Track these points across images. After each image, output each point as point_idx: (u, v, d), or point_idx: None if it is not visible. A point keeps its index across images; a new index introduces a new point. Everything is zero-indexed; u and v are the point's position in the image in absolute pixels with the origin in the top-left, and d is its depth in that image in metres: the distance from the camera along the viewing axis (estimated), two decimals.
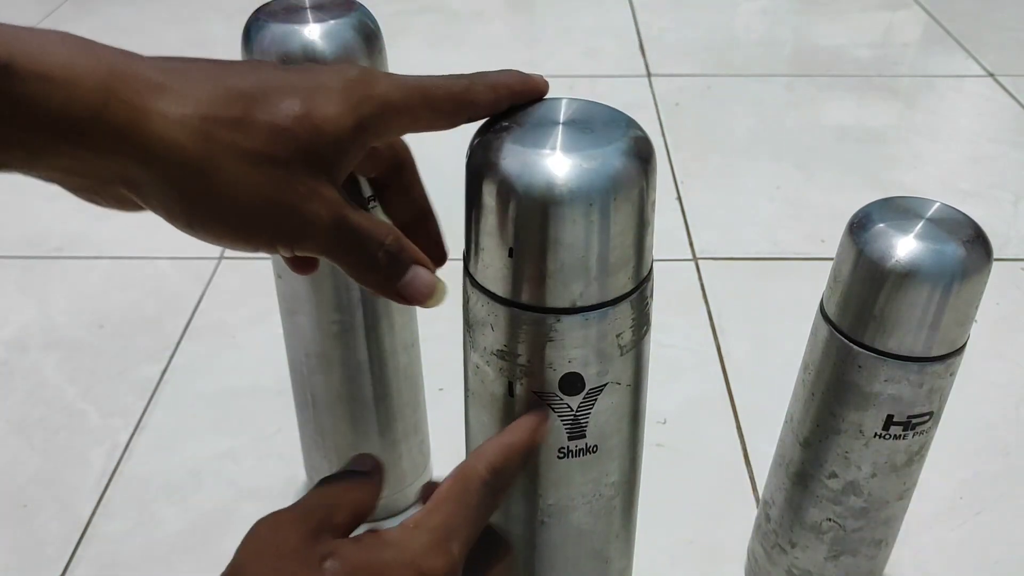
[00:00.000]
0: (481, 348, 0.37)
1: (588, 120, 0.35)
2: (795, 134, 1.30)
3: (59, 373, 0.87)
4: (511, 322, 0.35)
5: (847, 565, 0.59)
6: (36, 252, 1.04)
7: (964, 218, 0.49)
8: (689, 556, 0.70)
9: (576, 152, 0.32)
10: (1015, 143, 1.27)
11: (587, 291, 0.35)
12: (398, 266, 0.32)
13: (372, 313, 0.62)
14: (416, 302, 0.33)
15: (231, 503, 0.74)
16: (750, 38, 1.63)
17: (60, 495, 0.75)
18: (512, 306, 0.35)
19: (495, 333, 0.36)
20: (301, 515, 0.33)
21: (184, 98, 0.28)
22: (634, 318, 0.37)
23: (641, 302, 0.37)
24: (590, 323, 0.35)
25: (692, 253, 1.03)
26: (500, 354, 0.36)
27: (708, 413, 0.83)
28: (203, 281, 0.99)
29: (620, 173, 0.33)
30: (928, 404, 0.52)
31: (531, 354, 0.36)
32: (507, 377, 0.37)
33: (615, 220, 0.33)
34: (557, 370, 0.36)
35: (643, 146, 0.34)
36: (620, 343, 0.37)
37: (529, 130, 0.34)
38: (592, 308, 0.35)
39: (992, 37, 1.57)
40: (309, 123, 0.29)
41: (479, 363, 0.38)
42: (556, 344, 0.35)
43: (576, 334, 0.35)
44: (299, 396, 0.67)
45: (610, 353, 0.37)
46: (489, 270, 0.35)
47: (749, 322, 0.93)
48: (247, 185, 0.28)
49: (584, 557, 0.46)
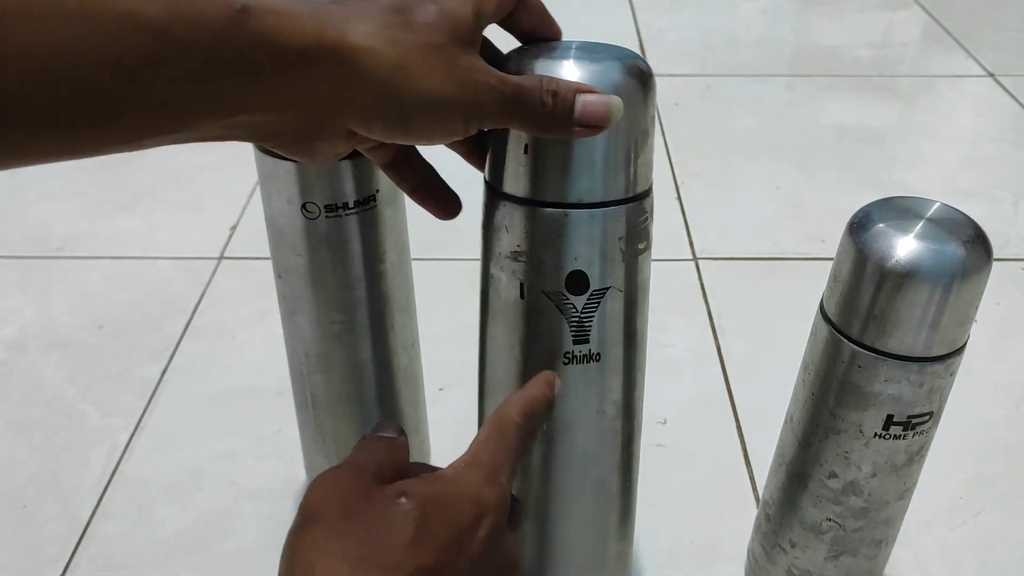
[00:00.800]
0: (496, 254, 0.42)
1: (596, 49, 0.40)
2: (795, 134, 1.30)
3: (59, 373, 0.87)
4: (524, 221, 0.40)
5: (847, 565, 0.59)
6: (36, 252, 1.04)
7: (964, 218, 0.49)
8: (689, 556, 0.70)
9: (585, 62, 0.38)
10: (1015, 143, 1.27)
11: (592, 187, 0.39)
12: (566, 102, 0.36)
13: (372, 313, 0.62)
14: (600, 124, 0.37)
15: (231, 503, 0.74)
16: (750, 38, 1.63)
17: (60, 495, 0.75)
18: (526, 203, 0.40)
19: (509, 235, 0.41)
20: (357, 469, 0.36)
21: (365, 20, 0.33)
22: (632, 224, 0.41)
23: (639, 213, 0.41)
24: (595, 220, 0.40)
25: (692, 253, 1.03)
26: (513, 255, 0.41)
27: (708, 413, 0.83)
28: (203, 281, 0.99)
29: (622, 82, 0.38)
30: (928, 404, 0.52)
31: (542, 251, 0.40)
32: (519, 279, 0.41)
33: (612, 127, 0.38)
34: (564, 267, 0.40)
35: (642, 66, 0.40)
36: (621, 247, 0.41)
37: (547, 50, 0.39)
38: (596, 205, 0.40)
39: (992, 37, 1.57)
40: (447, 18, 0.34)
41: (494, 271, 0.42)
42: (564, 240, 0.40)
43: (582, 230, 0.40)
44: (299, 396, 0.67)
45: (612, 255, 0.41)
46: (508, 171, 0.40)
47: (749, 322, 0.93)
48: (436, 70, 0.33)
49: (589, 485, 0.49)
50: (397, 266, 0.62)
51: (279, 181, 0.56)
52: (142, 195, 1.14)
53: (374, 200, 0.57)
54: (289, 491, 0.75)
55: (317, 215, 0.56)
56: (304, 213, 0.56)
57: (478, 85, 0.34)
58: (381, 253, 0.60)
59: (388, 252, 0.60)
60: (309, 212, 0.56)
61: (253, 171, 0.58)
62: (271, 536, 0.72)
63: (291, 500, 0.74)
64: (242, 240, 1.05)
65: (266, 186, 0.58)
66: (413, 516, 0.32)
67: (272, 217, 0.59)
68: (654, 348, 0.93)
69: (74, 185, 1.16)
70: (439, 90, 0.33)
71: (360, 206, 0.57)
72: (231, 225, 1.08)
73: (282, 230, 0.58)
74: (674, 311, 0.95)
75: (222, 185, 1.14)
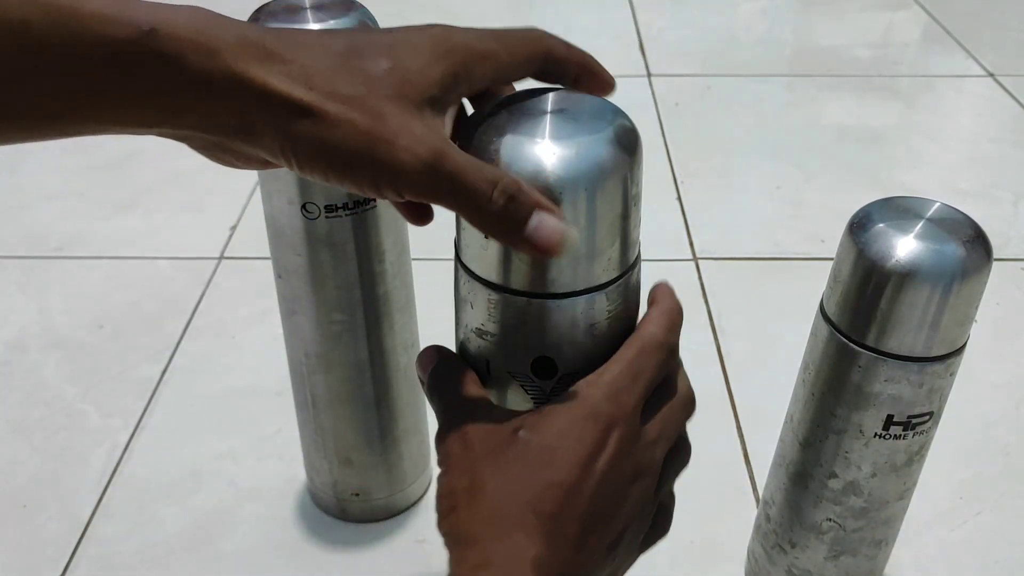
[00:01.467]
0: (463, 325, 0.38)
1: (576, 112, 0.35)
2: (795, 134, 1.30)
3: (59, 373, 0.87)
4: (487, 303, 0.36)
5: (847, 565, 0.59)
6: (36, 252, 1.04)
7: (964, 218, 0.49)
8: (689, 556, 0.70)
9: (563, 141, 0.33)
10: (1015, 143, 1.27)
11: (563, 277, 0.35)
12: (520, 210, 0.32)
13: (372, 313, 0.62)
14: (547, 250, 0.32)
15: (231, 503, 0.74)
16: (750, 38, 1.63)
17: (60, 495, 0.75)
18: (488, 286, 0.36)
19: (474, 311, 0.37)
20: (474, 410, 0.37)
21: (293, 61, 0.32)
22: (610, 311, 0.37)
23: (619, 294, 0.37)
24: (564, 308, 0.35)
25: (692, 253, 1.03)
26: (478, 332, 0.37)
27: (708, 413, 0.82)
28: (203, 281, 0.99)
29: (608, 158, 0.33)
30: (928, 404, 0.52)
31: (504, 335, 0.36)
32: (485, 356, 0.37)
33: (589, 209, 0.34)
34: (530, 354, 0.36)
35: (629, 129, 0.35)
36: (594, 333, 0.36)
37: (516, 118, 0.34)
38: (567, 295, 0.35)
39: (992, 37, 1.57)
40: (398, 75, 0.32)
41: (462, 336, 0.39)
42: (529, 328, 0.36)
43: (548, 319, 0.36)
44: (299, 396, 0.67)
45: (582, 342, 0.36)
46: (470, 249, 0.36)
47: (749, 322, 0.93)
48: (346, 124, 0.31)
49: None
50: (397, 266, 0.62)
51: (279, 181, 0.56)
52: (142, 195, 1.14)
53: (374, 200, 0.57)
54: (289, 491, 0.75)
55: (317, 215, 0.56)
56: (304, 213, 0.56)
57: (397, 150, 0.31)
58: (381, 253, 0.60)
59: (388, 252, 0.60)
60: (309, 212, 0.56)
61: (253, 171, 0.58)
62: (271, 536, 0.72)
63: (291, 500, 0.74)
64: (242, 240, 1.05)
65: (266, 186, 0.58)
66: (534, 446, 0.33)
67: (272, 217, 0.59)
68: None
69: (74, 185, 1.16)
70: (345, 143, 0.31)
71: (360, 206, 0.57)
72: (231, 225, 1.08)
73: (282, 230, 0.58)
74: None
75: (222, 185, 1.14)
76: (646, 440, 0.36)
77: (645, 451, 0.36)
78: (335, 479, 0.70)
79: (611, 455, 0.34)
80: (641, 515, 0.36)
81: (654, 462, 0.36)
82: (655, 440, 0.36)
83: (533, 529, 0.32)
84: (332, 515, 0.72)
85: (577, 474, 0.33)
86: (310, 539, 0.71)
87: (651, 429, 0.36)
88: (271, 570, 0.69)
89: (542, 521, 0.32)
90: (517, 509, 0.32)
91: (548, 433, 0.34)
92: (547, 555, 0.32)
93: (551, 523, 0.32)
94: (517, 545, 0.32)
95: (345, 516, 0.72)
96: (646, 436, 0.36)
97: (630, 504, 0.35)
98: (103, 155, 1.22)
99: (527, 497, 0.33)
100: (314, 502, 0.73)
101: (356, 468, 0.69)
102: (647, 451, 0.36)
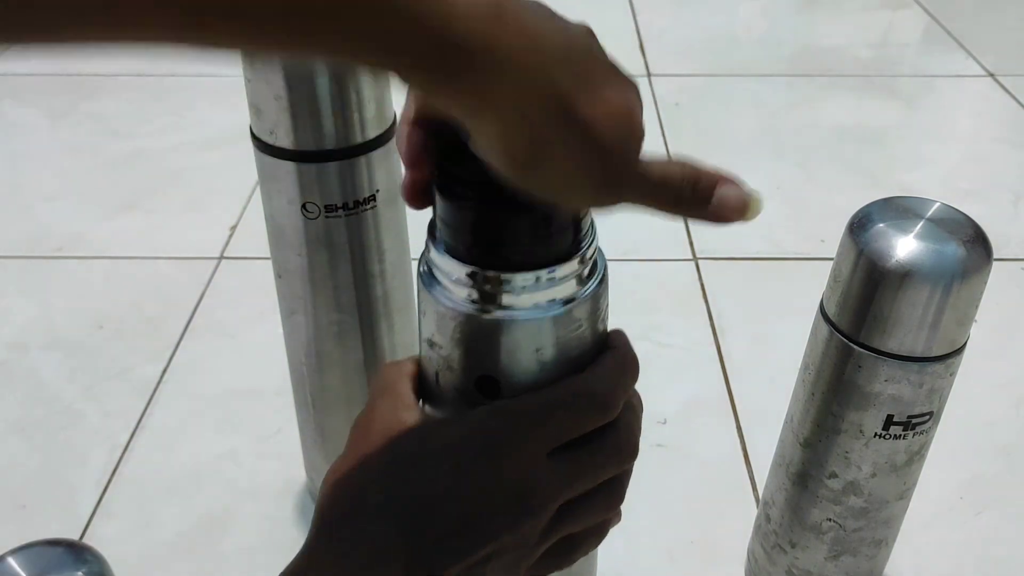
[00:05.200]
0: (420, 335, 0.37)
1: None
2: (795, 134, 1.30)
3: (59, 373, 0.87)
4: (434, 313, 0.34)
5: (847, 565, 0.59)
6: (36, 252, 1.04)
7: (964, 218, 0.49)
8: (689, 556, 0.70)
9: None
10: (1015, 143, 1.27)
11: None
12: (703, 191, 0.33)
13: (372, 313, 0.62)
14: (734, 218, 0.33)
15: (231, 503, 0.74)
16: (750, 38, 1.63)
17: (60, 495, 0.75)
18: None
19: (425, 321, 0.35)
20: None
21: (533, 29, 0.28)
22: (558, 336, 0.34)
23: (569, 320, 0.34)
24: (508, 328, 0.33)
25: (692, 253, 1.03)
26: (429, 343, 0.36)
27: (708, 413, 0.83)
28: (203, 281, 0.99)
29: None
30: (928, 404, 0.52)
31: (451, 348, 0.35)
32: (435, 368, 0.36)
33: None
34: (474, 370, 0.35)
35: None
36: (541, 358, 0.34)
37: None
38: (509, 313, 0.33)
39: (992, 37, 1.57)
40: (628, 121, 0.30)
41: (420, 351, 0.37)
42: (473, 342, 0.34)
43: (493, 336, 0.33)
44: (299, 396, 0.67)
45: (527, 365, 0.34)
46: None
47: (749, 322, 0.93)
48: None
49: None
50: (397, 266, 0.62)
51: (279, 181, 0.56)
52: (142, 195, 1.14)
53: (374, 200, 0.57)
54: (289, 491, 0.75)
55: (317, 215, 0.56)
56: (304, 213, 0.56)
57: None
58: (381, 253, 0.60)
59: (388, 252, 0.60)
60: (309, 212, 0.56)
61: (253, 171, 0.57)
62: (271, 536, 0.72)
63: (291, 500, 0.74)
64: (242, 240, 1.05)
65: (266, 186, 0.58)
66: (420, 446, 0.34)
67: (272, 217, 0.59)
68: (654, 348, 0.93)
69: (74, 185, 1.16)
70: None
71: (360, 206, 0.57)
72: (231, 225, 1.08)
73: (282, 230, 0.58)
74: (674, 311, 0.95)
75: (222, 185, 1.14)
76: (541, 472, 0.33)
77: (530, 479, 0.33)
78: None
79: (483, 467, 0.32)
80: (520, 542, 0.34)
81: (540, 488, 0.33)
82: (553, 482, 0.33)
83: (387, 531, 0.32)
84: None
85: (445, 486, 0.32)
86: None
87: (554, 471, 0.33)
88: (271, 570, 0.69)
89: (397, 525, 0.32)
90: (370, 506, 0.33)
91: (432, 443, 0.33)
92: (398, 553, 0.32)
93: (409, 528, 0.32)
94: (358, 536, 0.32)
95: None
96: (541, 467, 0.33)
97: (497, 523, 0.33)
98: (103, 155, 1.22)
99: (384, 498, 0.32)
100: (314, 502, 0.73)
101: None
102: (533, 479, 0.33)
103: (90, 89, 1.38)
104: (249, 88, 0.54)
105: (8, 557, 0.46)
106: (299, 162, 0.55)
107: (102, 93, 1.37)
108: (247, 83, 0.54)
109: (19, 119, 1.32)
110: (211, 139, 1.24)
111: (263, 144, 0.55)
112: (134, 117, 1.31)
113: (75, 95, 1.36)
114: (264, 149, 0.55)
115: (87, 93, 1.37)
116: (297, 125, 0.53)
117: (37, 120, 1.31)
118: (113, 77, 1.42)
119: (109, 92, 1.38)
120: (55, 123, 1.30)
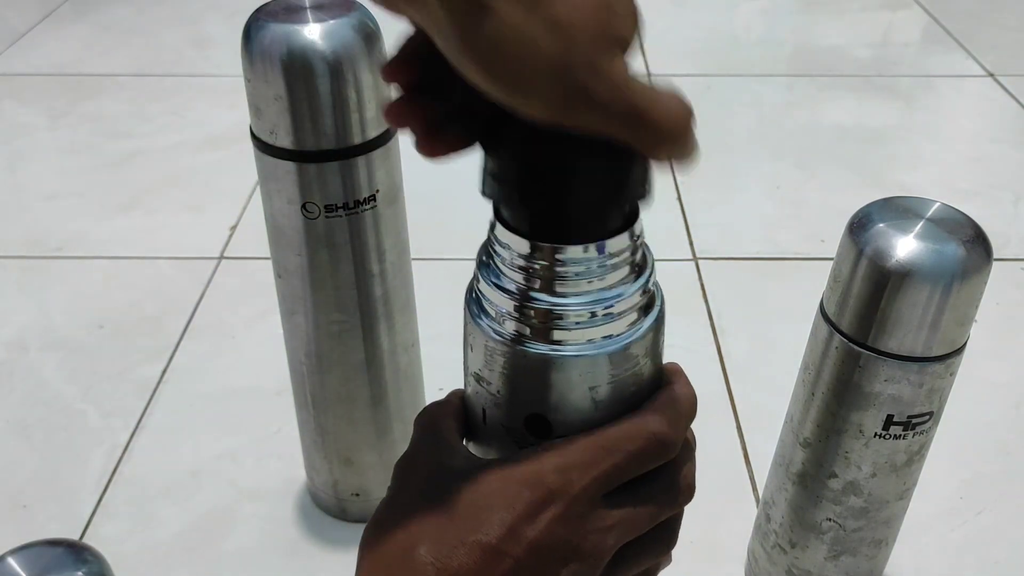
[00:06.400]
0: (466, 368, 0.35)
1: None
2: (795, 134, 1.30)
3: (59, 373, 0.87)
4: (483, 348, 0.33)
5: (847, 565, 0.59)
6: (36, 252, 1.04)
7: (964, 218, 0.49)
8: (689, 556, 0.70)
9: None
10: (1015, 143, 1.27)
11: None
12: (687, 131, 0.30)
13: (372, 313, 0.62)
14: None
15: (231, 503, 0.74)
16: (750, 38, 1.63)
17: (60, 495, 0.75)
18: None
19: (473, 355, 0.34)
20: (436, 443, 0.35)
21: None
22: (614, 375, 0.32)
23: (624, 358, 0.32)
24: (561, 366, 0.32)
25: (692, 253, 1.03)
26: (476, 377, 0.34)
27: (708, 413, 0.82)
28: (203, 281, 0.99)
29: None
30: (928, 404, 0.52)
31: (500, 384, 0.33)
32: (482, 404, 0.34)
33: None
34: (523, 408, 0.33)
35: None
36: (595, 396, 0.32)
37: None
38: (563, 350, 0.31)
39: (992, 37, 1.57)
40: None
41: (465, 384, 0.36)
42: (523, 379, 0.33)
43: (544, 374, 0.32)
44: (299, 396, 0.67)
45: (580, 404, 0.33)
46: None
47: (749, 322, 0.93)
48: None
49: None
50: (397, 266, 0.62)
51: (279, 181, 0.56)
52: (142, 195, 1.14)
53: (374, 200, 0.57)
54: (289, 491, 0.75)
55: (317, 215, 0.56)
56: (304, 213, 0.56)
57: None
58: (381, 253, 0.60)
59: (388, 252, 0.60)
60: (309, 212, 0.56)
61: (253, 171, 0.58)
62: (271, 536, 0.72)
63: (291, 500, 0.74)
64: (242, 240, 1.05)
65: (266, 186, 0.58)
66: (463, 499, 0.31)
67: (272, 217, 0.59)
68: None
69: (74, 185, 1.16)
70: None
71: (360, 206, 0.57)
72: (231, 225, 1.08)
73: (282, 230, 0.58)
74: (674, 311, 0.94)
75: (222, 185, 1.14)
76: (596, 524, 0.32)
77: (590, 535, 0.32)
78: (335, 479, 0.70)
79: (542, 529, 0.31)
80: None
81: (599, 548, 0.32)
82: (610, 526, 0.32)
83: None
84: (332, 515, 0.72)
85: (497, 536, 0.30)
86: (310, 539, 0.71)
87: (610, 515, 0.32)
88: (271, 570, 0.69)
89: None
90: (420, 558, 0.30)
91: (481, 489, 0.31)
92: None
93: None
94: None
95: (345, 516, 0.72)
96: (598, 520, 0.32)
97: (551, 574, 0.31)
98: (103, 155, 1.22)
99: (434, 548, 0.30)
100: (314, 502, 0.73)
101: (356, 468, 0.69)
102: (593, 535, 0.32)
103: (90, 89, 1.38)
104: (249, 88, 0.54)
105: (8, 557, 0.46)
106: (299, 162, 0.55)
107: (102, 93, 1.37)
108: (247, 83, 0.54)
109: (19, 119, 1.32)
110: (211, 139, 1.24)
111: (263, 144, 0.55)
112: (134, 117, 1.31)
113: (75, 95, 1.36)
114: (264, 149, 0.55)
115: (87, 93, 1.37)
116: (297, 125, 0.53)
117: (37, 120, 1.31)
118: (113, 77, 1.42)
119: (109, 92, 1.38)
120: (55, 123, 1.30)
